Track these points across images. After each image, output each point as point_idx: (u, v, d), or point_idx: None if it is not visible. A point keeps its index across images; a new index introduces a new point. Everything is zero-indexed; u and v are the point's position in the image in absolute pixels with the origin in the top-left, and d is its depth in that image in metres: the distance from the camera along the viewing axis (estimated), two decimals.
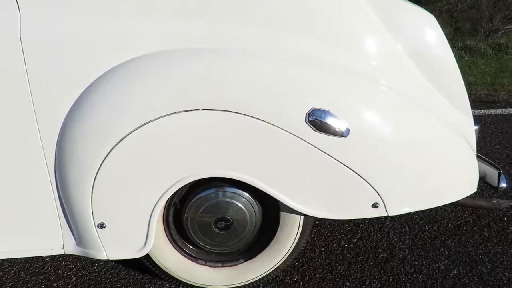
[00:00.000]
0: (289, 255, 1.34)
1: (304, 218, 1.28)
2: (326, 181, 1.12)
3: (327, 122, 1.05)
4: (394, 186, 1.15)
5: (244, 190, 1.23)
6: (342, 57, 1.12)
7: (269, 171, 1.10)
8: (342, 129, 1.06)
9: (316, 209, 1.16)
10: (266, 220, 1.31)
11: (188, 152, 1.06)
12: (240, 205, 1.23)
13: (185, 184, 1.10)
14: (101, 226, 1.13)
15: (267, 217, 1.30)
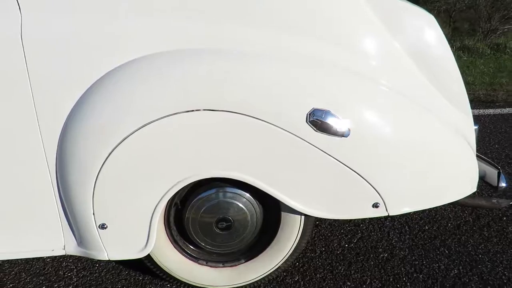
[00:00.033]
0: (290, 255, 1.34)
1: (305, 218, 1.28)
2: (327, 181, 1.12)
3: (328, 122, 1.05)
4: (394, 186, 1.15)
5: (245, 190, 1.23)
6: (342, 57, 1.12)
7: (270, 172, 1.11)
8: (342, 129, 1.06)
9: (317, 209, 1.16)
10: (267, 220, 1.31)
11: (189, 152, 1.07)
12: (241, 205, 1.23)
13: (186, 184, 1.11)
14: (102, 226, 1.13)
15: (268, 217, 1.30)
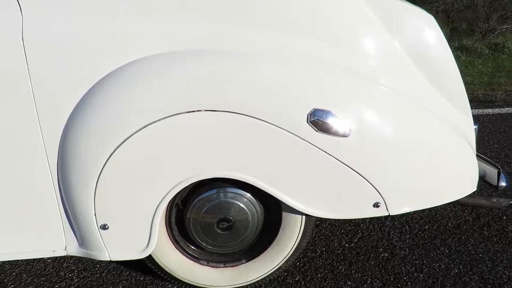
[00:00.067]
0: (291, 255, 1.35)
1: (306, 218, 1.29)
2: (328, 181, 1.12)
3: (329, 123, 1.06)
4: (395, 185, 1.16)
5: (246, 190, 1.23)
6: (342, 57, 1.13)
7: (271, 172, 1.11)
8: (343, 129, 1.07)
9: (318, 209, 1.16)
10: (268, 220, 1.31)
11: (190, 153, 1.07)
12: (242, 205, 1.23)
13: (188, 184, 1.11)
14: (103, 227, 1.13)
15: (269, 217, 1.31)
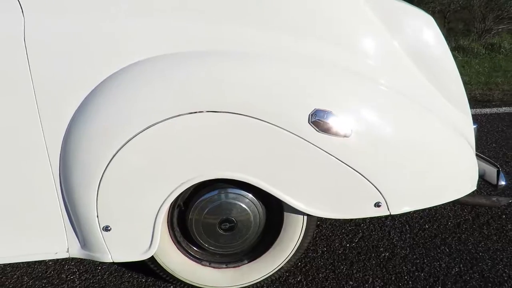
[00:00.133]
0: (292, 255, 1.35)
1: (307, 218, 1.29)
2: (329, 181, 1.13)
3: (330, 123, 1.06)
4: (395, 185, 1.16)
5: (247, 191, 1.23)
6: (342, 57, 1.13)
7: (272, 172, 1.11)
8: (344, 129, 1.07)
9: (319, 208, 1.17)
10: (270, 220, 1.31)
11: (193, 154, 1.07)
12: (244, 206, 1.24)
13: (190, 185, 1.11)
14: (106, 229, 1.13)
15: (271, 217, 1.31)
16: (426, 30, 1.23)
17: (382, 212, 1.18)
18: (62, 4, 1.03)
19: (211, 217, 1.24)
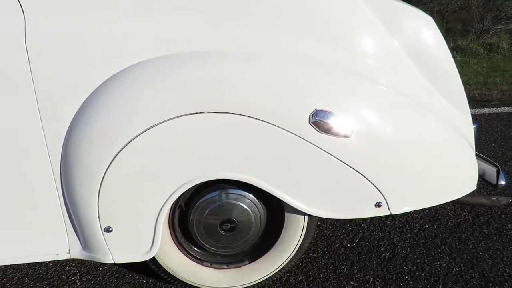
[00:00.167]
0: (293, 256, 1.35)
1: (308, 219, 1.29)
2: (330, 181, 1.13)
3: (330, 123, 1.06)
4: (396, 185, 1.17)
5: (248, 191, 1.24)
6: (342, 57, 1.13)
7: (273, 173, 1.11)
8: (345, 129, 1.08)
9: (320, 209, 1.17)
10: (271, 221, 1.32)
11: (194, 154, 1.07)
12: (245, 206, 1.24)
13: (191, 186, 1.11)
14: (107, 230, 1.13)
15: (272, 218, 1.31)
16: (426, 30, 1.23)
17: (382, 212, 1.19)
18: (62, 4, 1.03)
19: (212, 217, 1.24)
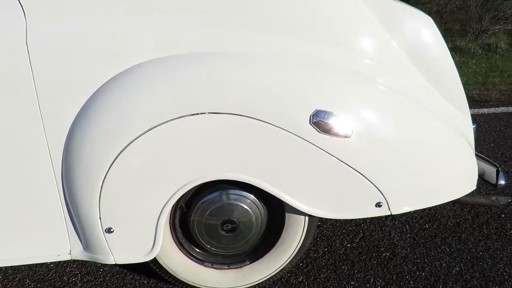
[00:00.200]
0: (294, 256, 1.35)
1: (309, 219, 1.29)
2: (331, 181, 1.13)
3: (331, 123, 1.07)
4: (396, 185, 1.17)
5: (249, 192, 1.24)
6: (342, 57, 1.14)
7: (274, 173, 1.12)
8: (345, 130, 1.08)
9: (321, 209, 1.17)
10: (272, 221, 1.32)
11: (195, 155, 1.07)
12: (246, 207, 1.24)
13: (192, 187, 1.11)
14: (108, 230, 1.13)
15: (272, 218, 1.31)
16: (425, 30, 1.24)
17: (383, 212, 1.19)
18: (63, 5, 1.03)
19: (213, 218, 1.24)
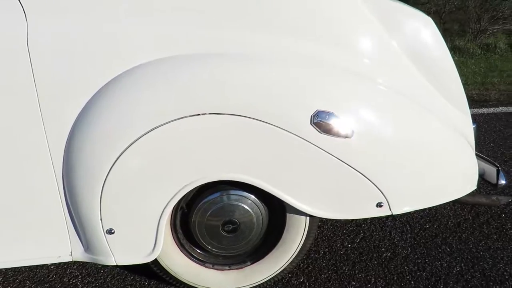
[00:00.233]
0: (295, 257, 1.35)
1: (309, 219, 1.29)
2: (332, 181, 1.13)
3: (332, 124, 1.07)
4: (397, 185, 1.17)
5: (250, 192, 1.24)
6: (342, 57, 1.14)
7: (275, 173, 1.12)
8: (346, 130, 1.08)
9: (322, 209, 1.17)
10: (272, 222, 1.32)
11: (196, 156, 1.07)
12: (246, 207, 1.24)
13: (193, 187, 1.11)
14: (109, 232, 1.13)
15: (273, 219, 1.31)
16: (425, 31, 1.24)
17: (384, 212, 1.19)
18: (65, 7, 1.03)
19: (214, 219, 1.24)
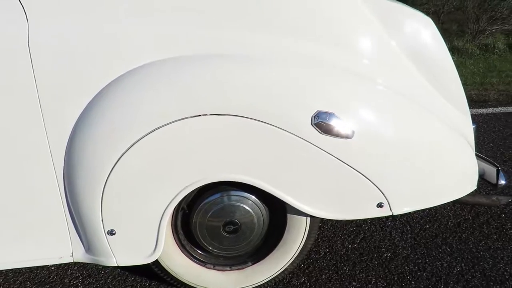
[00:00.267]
0: (296, 257, 1.36)
1: (310, 220, 1.30)
2: (332, 182, 1.13)
3: (332, 124, 1.07)
4: (397, 185, 1.17)
5: (251, 193, 1.24)
6: (342, 57, 1.14)
7: (276, 174, 1.12)
8: (347, 130, 1.08)
9: (322, 210, 1.17)
10: (273, 222, 1.32)
11: (197, 157, 1.07)
12: (247, 208, 1.24)
13: (194, 188, 1.11)
14: (111, 232, 1.13)
15: (274, 219, 1.31)
16: (425, 31, 1.24)
17: (384, 212, 1.19)
18: (66, 8, 1.03)
19: (215, 219, 1.24)
